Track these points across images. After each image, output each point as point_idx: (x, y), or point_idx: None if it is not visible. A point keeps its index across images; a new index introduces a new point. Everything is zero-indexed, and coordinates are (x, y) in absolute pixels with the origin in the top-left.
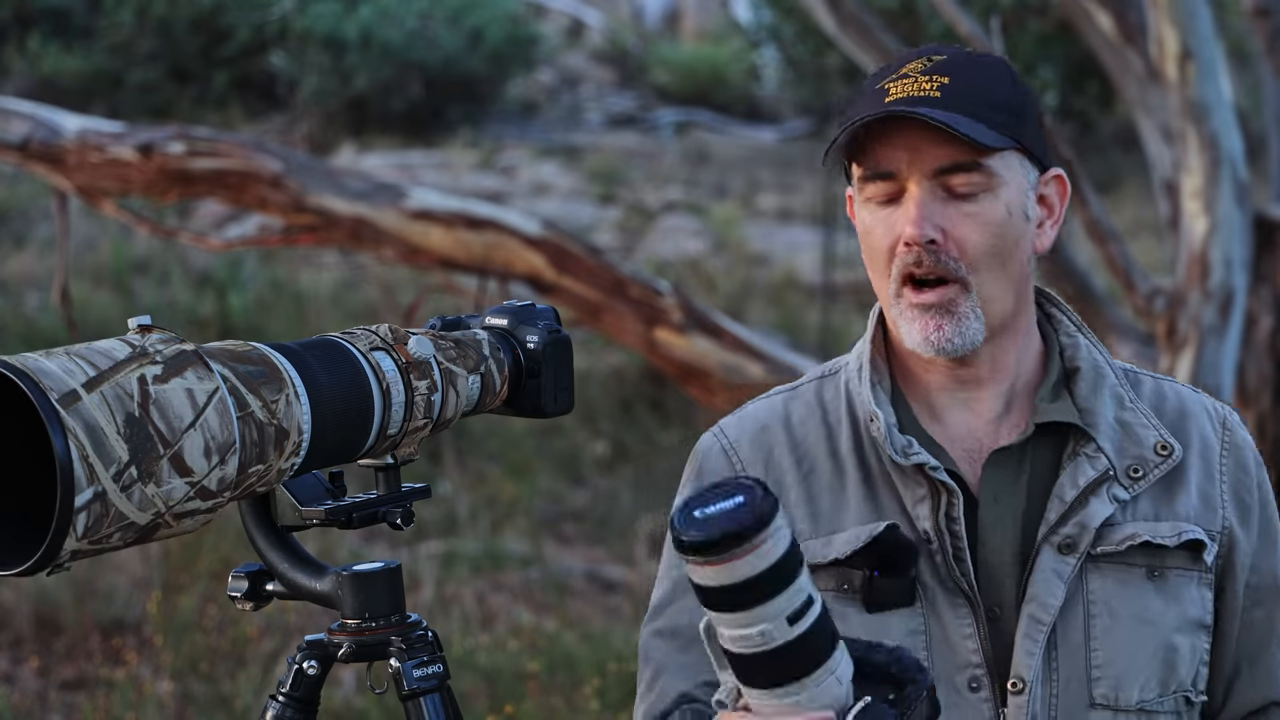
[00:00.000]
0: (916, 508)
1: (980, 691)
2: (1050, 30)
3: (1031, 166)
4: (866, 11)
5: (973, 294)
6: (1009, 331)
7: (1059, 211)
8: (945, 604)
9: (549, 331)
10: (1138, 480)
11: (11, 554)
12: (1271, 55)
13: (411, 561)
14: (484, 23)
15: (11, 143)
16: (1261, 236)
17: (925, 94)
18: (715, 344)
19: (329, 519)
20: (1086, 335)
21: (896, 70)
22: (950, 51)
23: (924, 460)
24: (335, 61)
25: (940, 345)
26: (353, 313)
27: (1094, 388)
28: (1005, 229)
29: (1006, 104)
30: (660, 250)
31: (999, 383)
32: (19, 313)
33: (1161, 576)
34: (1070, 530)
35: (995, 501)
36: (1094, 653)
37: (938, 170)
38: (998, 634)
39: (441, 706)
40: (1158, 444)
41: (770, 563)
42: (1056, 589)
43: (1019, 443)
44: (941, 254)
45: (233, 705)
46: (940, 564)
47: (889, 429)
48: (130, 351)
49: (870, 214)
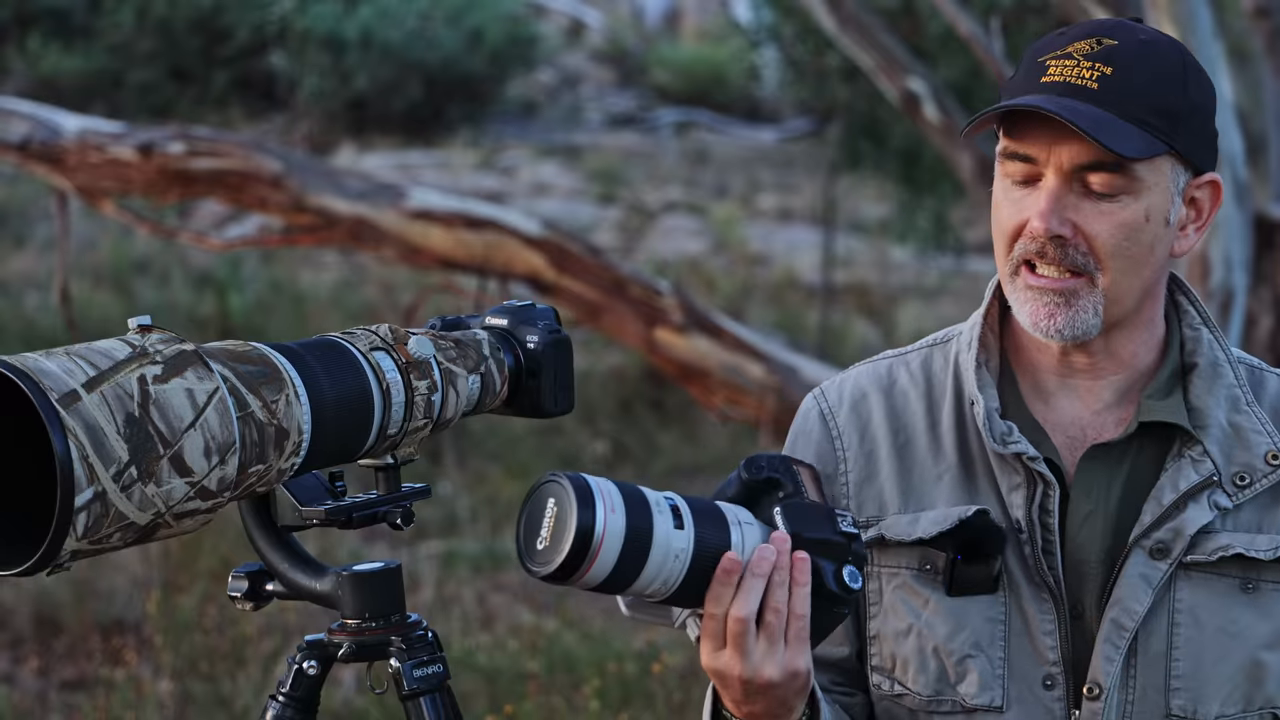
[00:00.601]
0: (1011, 495)
1: (1054, 690)
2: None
3: (1184, 170)
4: (866, 11)
5: (1098, 290)
6: (1131, 324)
7: (1207, 216)
8: (1029, 597)
9: (549, 331)
10: (1244, 488)
11: (11, 554)
12: (1271, 55)
13: (411, 561)
14: (484, 23)
15: (11, 143)
16: (1261, 236)
17: (1083, 83)
18: (715, 344)
19: (329, 519)
20: (1212, 330)
21: (1063, 47)
22: (1122, 35)
23: (1023, 450)
24: (335, 61)
25: (1050, 332)
26: (353, 313)
27: (1209, 386)
28: (1140, 233)
29: (1168, 105)
30: (660, 250)
31: (1113, 373)
32: (19, 313)
33: (1256, 589)
34: (1164, 535)
35: (1088, 497)
36: (1175, 663)
37: (1078, 166)
38: (1079, 634)
39: (441, 706)
40: (1269, 453)
41: (624, 525)
42: (1143, 595)
43: (1121, 439)
44: (1069, 248)
45: (233, 705)
46: (1029, 555)
47: (989, 414)
48: (130, 351)
49: (1004, 190)
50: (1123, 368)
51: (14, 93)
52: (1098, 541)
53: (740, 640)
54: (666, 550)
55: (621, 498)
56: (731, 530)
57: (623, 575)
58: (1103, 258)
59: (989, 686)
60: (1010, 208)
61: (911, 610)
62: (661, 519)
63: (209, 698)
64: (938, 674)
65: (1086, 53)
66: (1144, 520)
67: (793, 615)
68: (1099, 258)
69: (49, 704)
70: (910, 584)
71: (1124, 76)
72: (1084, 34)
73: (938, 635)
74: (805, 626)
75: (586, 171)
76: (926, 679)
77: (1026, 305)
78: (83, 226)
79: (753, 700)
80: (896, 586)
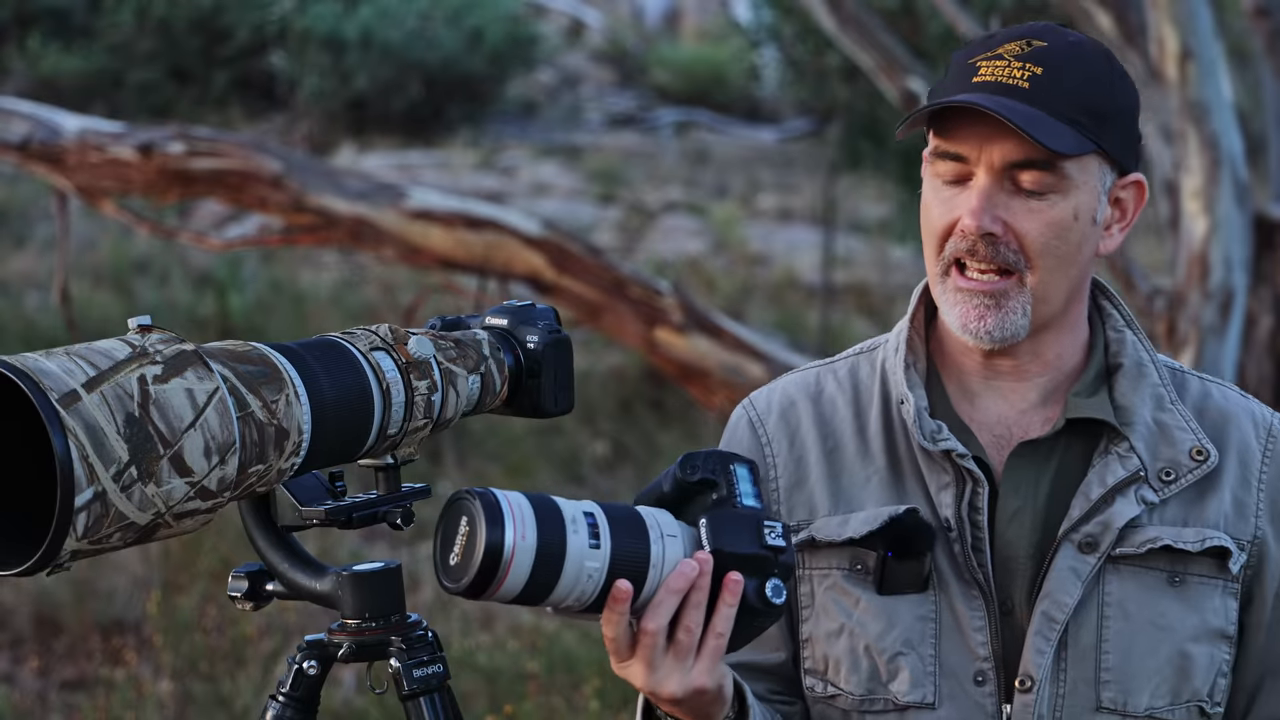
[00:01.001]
0: (940, 494)
1: (985, 686)
2: None
3: (1110, 170)
4: (866, 11)
5: (1027, 290)
6: (1055, 327)
7: (1131, 216)
8: (959, 594)
9: (549, 331)
10: (1169, 484)
11: (11, 554)
12: (1271, 55)
13: (411, 561)
14: (484, 23)
15: (11, 143)
16: (1261, 236)
17: (1015, 82)
18: (715, 344)
19: (329, 519)
20: (1135, 332)
21: (993, 49)
22: (1052, 38)
23: (952, 447)
24: (335, 61)
25: (979, 334)
26: (353, 313)
27: (1134, 386)
28: (1069, 231)
29: (1096, 105)
30: (660, 250)
31: (1038, 374)
32: (19, 313)
33: (1183, 582)
34: (1092, 529)
35: (1016, 494)
36: (1104, 655)
37: (1009, 164)
38: (1009, 629)
39: (441, 706)
40: (1193, 449)
41: (534, 542)
42: (1072, 588)
43: (1048, 436)
44: (1000, 245)
45: (233, 705)
46: (958, 553)
47: (919, 412)
48: (130, 351)
49: (934, 190)
50: (1047, 369)
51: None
52: (1026, 537)
53: (648, 654)
54: (580, 568)
55: (534, 515)
56: (652, 545)
57: (535, 591)
58: (1032, 255)
59: (920, 684)
60: (941, 207)
61: (843, 610)
62: (576, 538)
63: (209, 698)
64: (869, 673)
65: (1017, 54)
66: (1072, 515)
67: (711, 633)
68: (1029, 256)
69: (49, 704)
70: (841, 584)
71: (1054, 77)
72: (1013, 36)
73: (869, 634)
74: (721, 645)
75: (586, 171)
76: (859, 678)
77: (956, 307)
78: (83, 226)
79: (662, 703)
80: (828, 588)
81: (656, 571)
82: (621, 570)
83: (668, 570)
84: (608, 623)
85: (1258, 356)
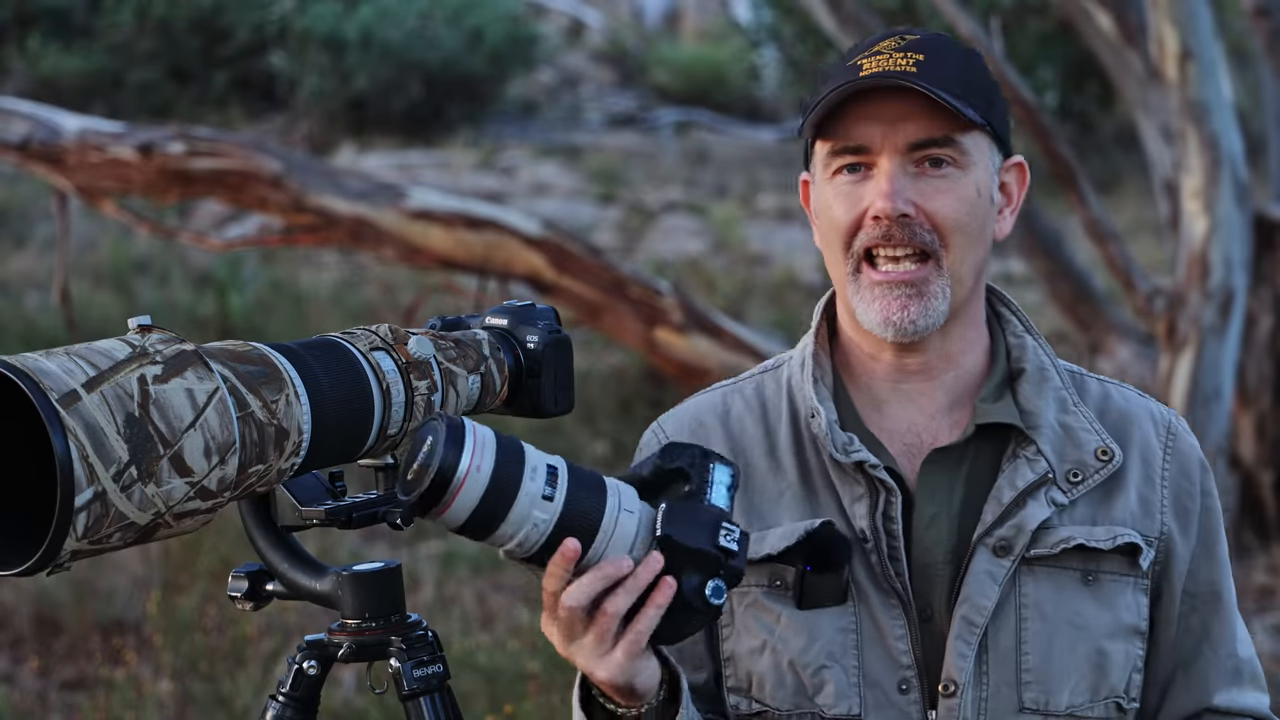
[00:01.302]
0: (854, 506)
1: (910, 694)
2: (1050, 30)
3: (997, 151)
4: (866, 11)
5: (945, 273)
6: (961, 319)
7: (1017, 199)
8: (879, 604)
9: (549, 331)
10: (1077, 484)
11: (11, 554)
12: (1271, 55)
13: (411, 561)
14: (484, 23)
15: (11, 143)
16: (1261, 236)
17: (901, 69)
18: (715, 344)
19: (329, 519)
20: (1035, 337)
21: (870, 48)
22: (921, 32)
23: (864, 458)
24: (335, 61)
25: (903, 325)
26: (353, 313)
27: (1038, 390)
28: (975, 206)
29: (977, 86)
30: (660, 250)
31: (944, 374)
32: (19, 313)
33: (1096, 581)
34: (1006, 532)
35: (931, 501)
36: (1024, 656)
37: (912, 145)
38: (930, 636)
39: (441, 706)
40: (1099, 449)
41: (489, 475)
42: (990, 591)
43: (959, 443)
44: (915, 226)
45: (233, 705)
46: (875, 563)
47: (830, 425)
48: (130, 351)
49: (834, 190)
50: (953, 367)
51: (14, 93)
52: (943, 543)
53: (565, 627)
54: (528, 513)
55: (496, 450)
56: (606, 513)
57: (480, 523)
58: (946, 233)
59: (846, 695)
60: (845, 202)
61: (764, 627)
62: (532, 483)
63: (209, 698)
64: (795, 687)
65: (895, 47)
66: (986, 519)
67: (631, 627)
68: (943, 234)
69: (49, 704)
70: (761, 601)
71: (936, 61)
72: (885, 36)
73: (792, 649)
74: (639, 641)
75: (586, 171)
76: (784, 693)
77: (875, 303)
78: (83, 226)
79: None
80: (748, 605)
81: (604, 538)
82: (569, 527)
83: (615, 541)
84: (550, 576)
85: (1258, 356)
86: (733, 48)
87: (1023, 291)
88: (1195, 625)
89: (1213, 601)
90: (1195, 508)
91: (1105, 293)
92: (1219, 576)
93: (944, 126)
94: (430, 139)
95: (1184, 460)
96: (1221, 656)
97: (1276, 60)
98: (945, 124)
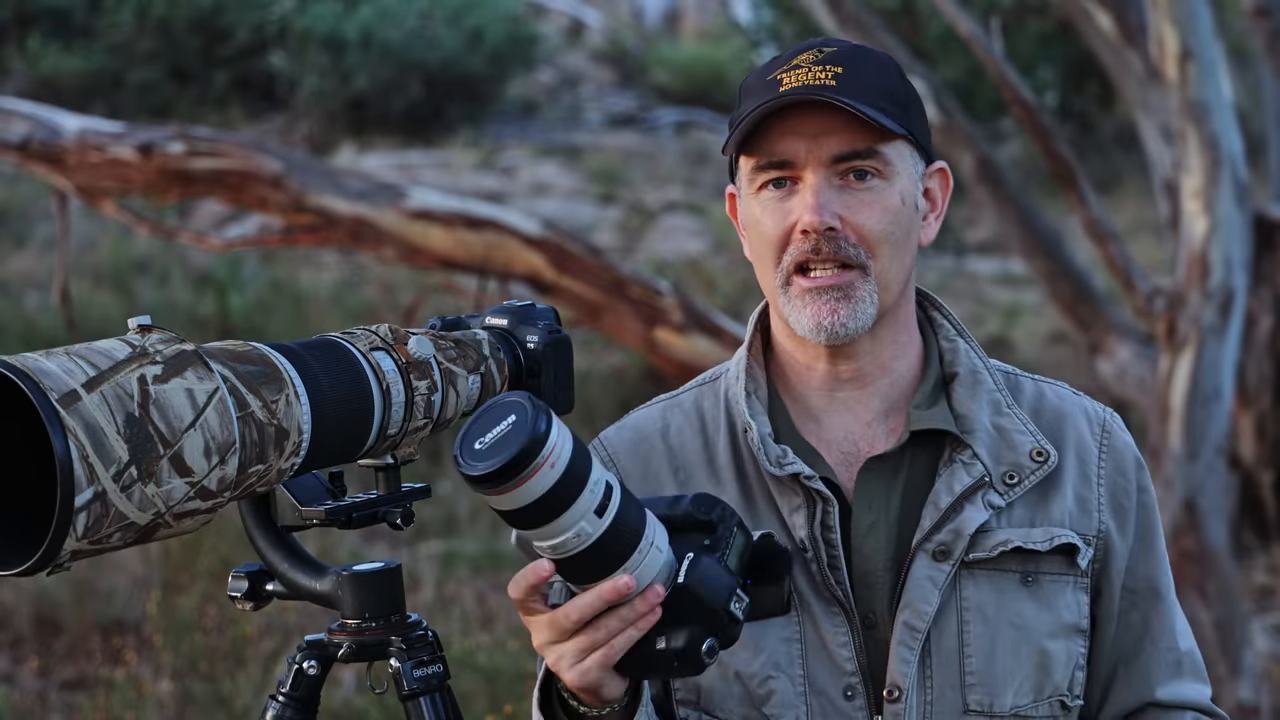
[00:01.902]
0: (793, 517)
1: (855, 700)
2: (1050, 30)
3: (919, 158)
4: (866, 11)
5: (871, 279)
6: (890, 323)
7: (941, 205)
8: (821, 613)
9: (549, 331)
10: (1013, 486)
11: (11, 554)
12: (1271, 55)
13: (411, 561)
14: (484, 23)
15: (11, 143)
16: (1261, 236)
17: (821, 83)
18: (715, 344)
19: (329, 519)
20: (967, 340)
21: (787, 62)
22: (839, 44)
23: (799, 470)
24: (335, 61)
25: (834, 329)
26: (353, 313)
27: (971, 393)
28: (900, 215)
29: (896, 96)
30: (660, 250)
31: (878, 380)
32: (19, 313)
33: (1035, 582)
34: (944, 537)
35: (869, 509)
36: (967, 659)
37: (835, 158)
38: (873, 642)
39: (441, 707)
40: (1034, 450)
41: (561, 472)
42: (931, 596)
43: (895, 450)
44: (841, 240)
45: (233, 705)
46: (816, 573)
47: (763, 439)
48: (130, 351)
49: (761, 205)
50: (886, 373)
51: (14, 93)
52: (882, 551)
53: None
54: (577, 523)
55: (571, 450)
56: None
57: (538, 514)
58: (873, 244)
59: (792, 705)
60: (773, 217)
61: None
62: (589, 495)
63: (209, 698)
64: (742, 698)
65: (813, 60)
66: (924, 525)
67: (609, 646)
68: (869, 245)
69: (49, 704)
70: None
71: (854, 73)
72: (802, 50)
73: (738, 661)
74: (609, 659)
75: (586, 171)
76: (733, 704)
77: (806, 309)
78: (83, 226)
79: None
80: None
81: (632, 568)
82: (607, 547)
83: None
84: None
85: (1258, 356)
86: (733, 48)
87: (1023, 291)
88: (1135, 621)
89: (1151, 597)
90: (1132, 505)
91: (1105, 293)
92: (1157, 572)
93: (866, 139)
94: (430, 139)
95: (1119, 457)
96: (1162, 650)
97: (1276, 60)
98: (867, 136)
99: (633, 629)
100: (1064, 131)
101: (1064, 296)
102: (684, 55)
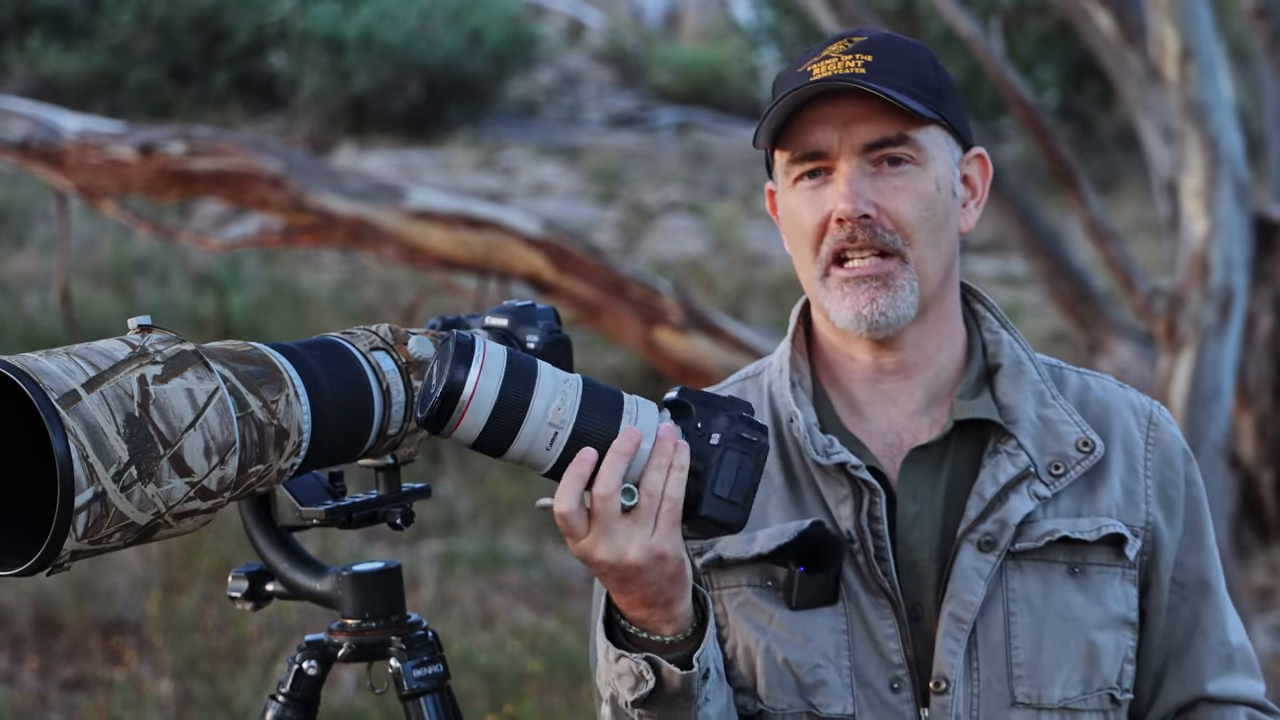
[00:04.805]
0: (839, 507)
1: (902, 692)
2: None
3: (956, 144)
4: (866, 11)
5: (910, 267)
6: (934, 314)
7: (982, 191)
8: (868, 604)
9: (549, 331)
10: (1059, 477)
11: (11, 554)
12: (1271, 55)
13: (411, 561)
14: (484, 23)
15: (11, 143)
16: (1261, 236)
17: (851, 71)
18: (715, 344)
19: (329, 519)
20: (1011, 331)
21: (818, 53)
22: (870, 33)
23: (846, 459)
24: (335, 61)
25: (874, 319)
26: (353, 313)
27: (1015, 384)
28: (935, 202)
29: (928, 82)
30: (660, 250)
31: (922, 371)
32: (19, 313)
33: (1083, 573)
34: (990, 527)
35: (914, 500)
36: (1014, 651)
37: (868, 145)
38: (920, 634)
39: (441, 706)
40: (1079, 440)
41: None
42: (976, 586)
43: (939, 440)
44: (876, 228)
45: (233, 705)
46: (863, 564)
47: (809, 428)
48: (130, 351)
49: (796, 196)
50: (930, 364)
51: (14, 93)
52: (928, 542)
53: (603, 521)
54: (538, 430)
55: (504, 368)
56: (625, 409)
57: (491, 442)
58: (909, 231)
59: (840, 696)
60: (809, 208)
61: (757, 627)
62: (540, 401)
63: (209, 698)
64: (792, 687)
65: (844, 50)
66: (969, 515)
67: (664, 498)
68: (906, 232)
69: (49, 704)
70: (753, 600)
71: (884, 61)
72: (833, 40)
73: (786, 650)
74: (676, 511)
75: (586, 171)
76: (782, 692)
77: (845, 299)
78: (83, 226)
79: (628, 590)
80: (739, 605)
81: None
82: (582, 443)
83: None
84: (563, 491)
85: (1258, 356)
86: (732, 48)
87: (1023, 291)
88: (1186, 615)
89: (1202, 590)
90: (1180, 496)
91: (1105, 293)
92: (1207, 565)
93: (898, 125)
94: (430, 139)
95: (1166, 449)
96: (1213, 644)
97: (1276, 60)
98: (899, 122)
99: (674, 471)
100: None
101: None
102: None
